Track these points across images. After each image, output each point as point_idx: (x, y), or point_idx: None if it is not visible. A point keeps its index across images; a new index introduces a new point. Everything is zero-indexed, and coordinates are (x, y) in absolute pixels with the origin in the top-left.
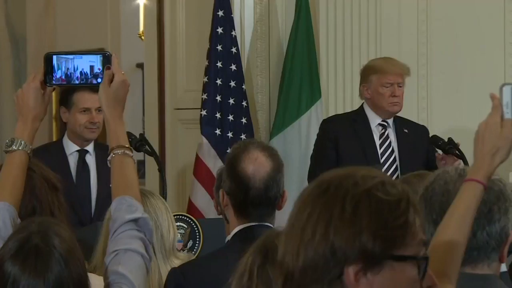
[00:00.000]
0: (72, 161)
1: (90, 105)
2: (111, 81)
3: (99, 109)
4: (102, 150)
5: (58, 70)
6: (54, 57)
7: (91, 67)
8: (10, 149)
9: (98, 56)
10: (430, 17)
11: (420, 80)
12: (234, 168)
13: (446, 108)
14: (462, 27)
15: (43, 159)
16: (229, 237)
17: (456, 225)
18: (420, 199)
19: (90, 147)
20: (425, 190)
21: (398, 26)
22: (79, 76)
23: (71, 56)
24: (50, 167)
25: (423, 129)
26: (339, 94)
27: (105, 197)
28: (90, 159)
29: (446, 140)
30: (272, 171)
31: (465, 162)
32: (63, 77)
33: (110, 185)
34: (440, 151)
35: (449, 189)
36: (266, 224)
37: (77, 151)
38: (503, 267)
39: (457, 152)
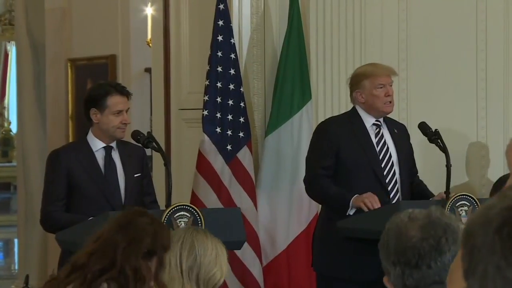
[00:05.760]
0: (99, 156)
1: (122, 107)
2: None
3: (127, 110)
4: (123, 145)
5: None
6: None
7: None
8: None
9: None
10: (410, 26)
11: (401, 83)
12: None
13: (423, 108)
14: (438, 35)
15: (72, 156)
16: None
17: None
18: (380, 245)
19: (113, 144)
20: (382, 236)
21: (380, 35)
22: None
23: None
24: (79, 163)
25: (404, 128)
26: (328, 95)
27: (132, 186)
28: (115, 154)
29: (433, 130)
30: None
31: (447, 156)
32: None
33: (135, 175)
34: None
35: (401, 232)
36: None
37: (103, 147)
38: None
39: (440, 144)
